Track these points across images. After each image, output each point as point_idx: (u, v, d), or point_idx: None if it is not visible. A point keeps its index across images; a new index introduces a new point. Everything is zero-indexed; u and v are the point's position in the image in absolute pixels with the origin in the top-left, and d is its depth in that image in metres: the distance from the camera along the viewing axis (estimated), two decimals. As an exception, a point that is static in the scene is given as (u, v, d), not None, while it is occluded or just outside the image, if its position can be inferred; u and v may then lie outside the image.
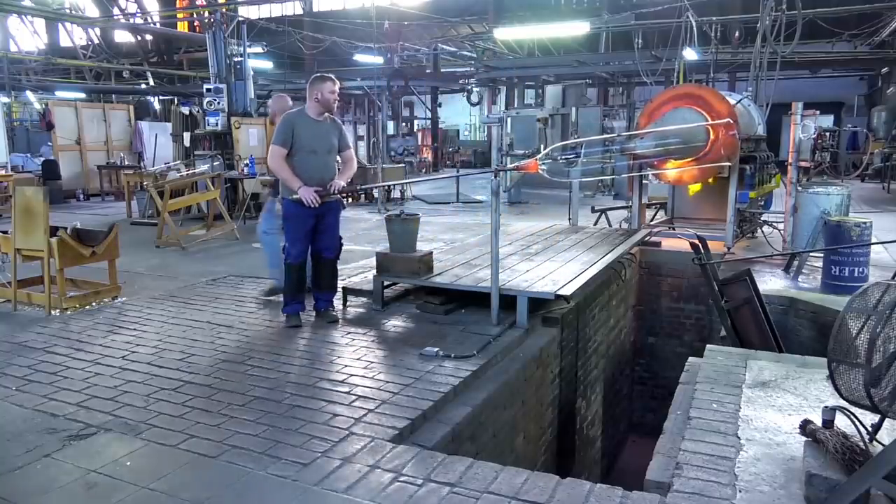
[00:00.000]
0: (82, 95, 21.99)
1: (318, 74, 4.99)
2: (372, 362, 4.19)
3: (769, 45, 11.08)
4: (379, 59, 21.80)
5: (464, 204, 14.35)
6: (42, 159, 15.58)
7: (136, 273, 6.75)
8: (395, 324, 5.05)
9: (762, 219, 9.16)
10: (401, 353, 4.35)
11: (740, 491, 2.60)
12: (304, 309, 5.13)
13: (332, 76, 4.95)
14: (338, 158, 5.11)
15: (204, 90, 13.05)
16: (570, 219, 9.32)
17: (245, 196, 11.57)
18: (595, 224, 9.26)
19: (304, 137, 4.84)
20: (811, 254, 7.23)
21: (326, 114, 4.96)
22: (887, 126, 18.78)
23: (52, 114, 15.24)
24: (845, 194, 7.45)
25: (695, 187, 8.64)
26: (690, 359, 4.28)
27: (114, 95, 24.66)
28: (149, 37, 29.35)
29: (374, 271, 5.54)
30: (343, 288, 5.64)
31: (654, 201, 10.11)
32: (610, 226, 9.17)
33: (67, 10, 25.59)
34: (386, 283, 5.55)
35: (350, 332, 4.84)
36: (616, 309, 6.92)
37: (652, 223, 9.16)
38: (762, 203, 9.52)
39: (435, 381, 3.80)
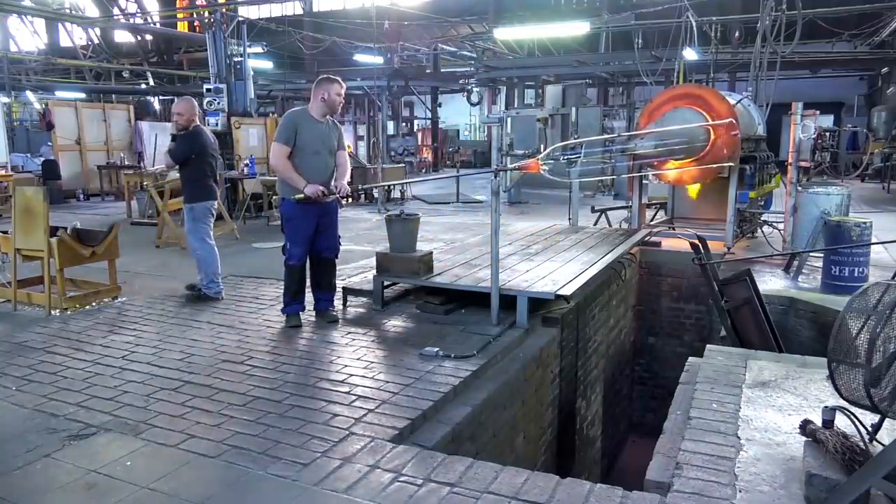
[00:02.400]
0: (82, 95, 22.00)
1: (326, 76, 5.01)
2: (372, 362, 4.19)
3: (769, 45, 11.08)
4: (379, 59, 21.81)
5: (464, 204, 14.35)
6: (42, 159, 15.56)
7: (136, 273, 6.74)
8: (395, 324, 5.05)
9: (762, 219, 9.16)
10: (401, 353, 4.35)
11: (740, 491, 2.60)
12: (304, 309, 5.13)
13: (339, 79, 4.97)
14: None
15: (204, 90, 13.07)
16: (570, 219, 9.32)
17: (245, 196, 11.59)
18: (595, 224, 9.26)
19: (307, 137, 4.84)
20: (811, 254, 7.23)
21: (328, 115, 4.97)
22: (887, 126, 18.79)
23: (52, 114, 15.22)
24: (845, 194, 7.44)
25: (695, 189, 8.63)
26: (690, 359, 4.27)
27: (114, 95, 24.68)
28: (149, 37, 29.40)
29: (374, 271, 5.54)
30: (343, 288, 5.64)
31: (654, 201, 10.10)
32: (610, 226, 9.17)
33: (67, 10, 25.64)
34: (386, 283, 5.55)
35: (350, 332, 4.84)
36: (616, 309, 6.92)
37: (652, 223, 9.15)
38: (762, 203, 9.52)
39: (435, 381, 3.80)
